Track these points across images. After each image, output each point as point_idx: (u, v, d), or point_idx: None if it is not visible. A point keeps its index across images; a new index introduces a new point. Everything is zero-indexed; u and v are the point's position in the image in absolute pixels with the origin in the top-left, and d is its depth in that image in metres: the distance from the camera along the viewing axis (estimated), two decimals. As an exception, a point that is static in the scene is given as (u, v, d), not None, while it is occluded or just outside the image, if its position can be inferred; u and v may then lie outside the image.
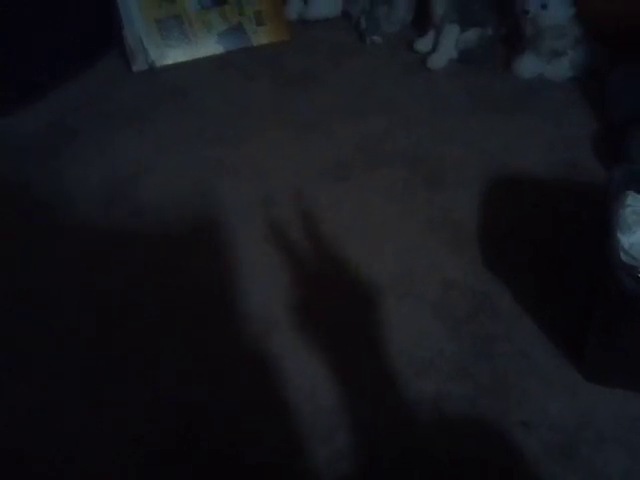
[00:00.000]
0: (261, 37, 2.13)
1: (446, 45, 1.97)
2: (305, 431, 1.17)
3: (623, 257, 1.08)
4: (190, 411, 1.22)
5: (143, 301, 1.41)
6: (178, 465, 1.15)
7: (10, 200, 1.66)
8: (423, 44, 2.04)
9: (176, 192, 1.65)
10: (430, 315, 1.34)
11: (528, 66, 1.90)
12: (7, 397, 1.26)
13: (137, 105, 1.93)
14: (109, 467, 1.16)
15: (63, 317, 1.39)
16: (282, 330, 1.33)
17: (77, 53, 2.02)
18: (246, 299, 1.40)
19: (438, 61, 1.98)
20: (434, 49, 2.00)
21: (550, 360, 1.24)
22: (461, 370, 1.24)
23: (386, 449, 1.15)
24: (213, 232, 1.55)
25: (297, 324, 1.34)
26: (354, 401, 1.21)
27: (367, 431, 1.17)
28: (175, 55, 2.07)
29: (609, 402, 1.17)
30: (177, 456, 1.16)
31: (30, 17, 1.85)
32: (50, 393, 1.26)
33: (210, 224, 1.56)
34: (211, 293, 1.42)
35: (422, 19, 2.10)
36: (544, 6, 1.81)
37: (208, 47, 2.10)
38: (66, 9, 1.93)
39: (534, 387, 1.21)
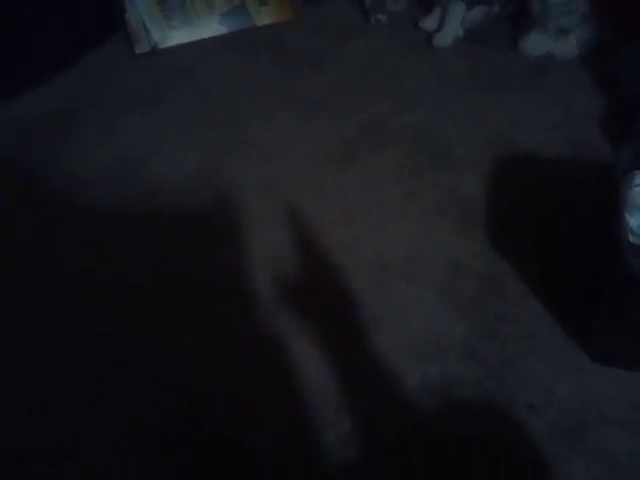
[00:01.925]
0: (264, 17, 2.10)
1: (452, 23, 1.95)
2: (308, 414, 1.18)
3: (631, 238, 1.07)
4: (191, 394, 1.23)
5: (149, 285, 1.42)
6: (179, 448, 1.16)
7: (15, 186, 1.66)
8: (429, 22, 2.01)
9: (182, 175, 1.65)
10: (437, 297, 1.34)
11: (535, 44, 1.88)
12: (7, 388, 1.27)
13: (141, 88, 1.92)
14: (110, 453, 1.17)
15: (64, 302, 1.40)
16: (286, 313, 1.33)
17: (80, 36, 2.00)
18: (251, 282, 1.40)
19: (444, 39, 1.95)
20: (440, 27, 1.97)
21: (556, 341, 1.24)
22: (468, 352, 1.25)
23: (392, 431, 1.15)
24: (220, 215, 1.54)
25: (302, 307, 1.34)
26: (359, 384, 1.22)
27: (373, 413, 1.18)
28: (178, 36, 2.05)
29: (615, 383, 1.17)
30: (178, 439, 1.17)
31: (32, 2, 1.83)
32: (51, 383, 1.27)
33: (216, 207, 1.56)
34: (216, 276, 1.43)
35: (427, -3, 2.08)
36: (551, -18, 1.78)
37: (211, 28, 2.07)
38: (68, -7, 1.92)
39: (540, 369, 1.21)
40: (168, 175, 1.65)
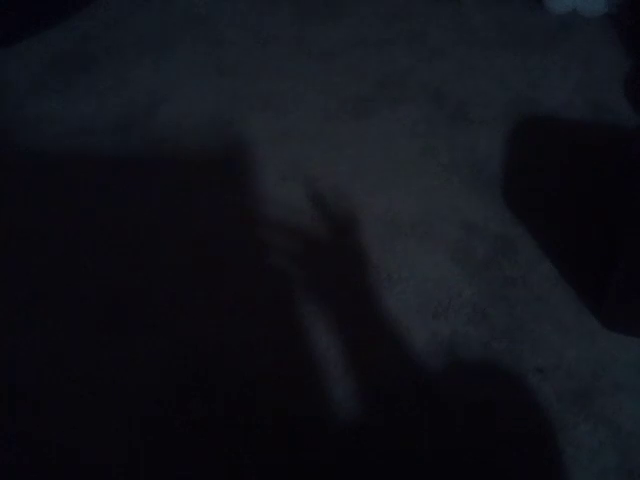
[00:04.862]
0: (283, -38, 2.04)
1: (476, -25, 1.89)
2: (318, 371, 1.19)
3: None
4: (202, 350, 1.23)
5: (158, 239, 1.41)
6: (190, 405, 1.17)
7: (26, 133, 1.64)
8: (452, -27, 1.95)
9: (193, 123, 1.62)
10: (449, 258, 1.33)
11: (561, 0, 1.82)
12: (13, 342, 1.28)
13: (153, 33, 1.88)
14: (127, 401, 1.18)
15: (79, 253, 1.39)
16: (297, 267, 1.33)
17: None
18: (263, 236, 1.39)
19: (467, -8, 1.90)
20: (463, -21, 1.92)
21: (568, 306, 1.24)
22: (478, 313, 1.24)
23: (399, 390, 1.16)
24: (231, 166, 1.53)
25: (313, 261, 1.34)
26: (368, 341, 1.22)
27: (381, 371, 1.18)
28: (194, -20, 2.00)
29: (626, 350, 1.17)
30: (189, 396, 1.18)
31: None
32: (59, 337, 1.27)
33: (228, 158, 1.54)
34: (227, 230, 1.41)
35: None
36: None
37: (228, -28, 2.02)
38: None
39: (551, 333, 1.20)
40: (179, 123, 1.63)
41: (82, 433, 1.15)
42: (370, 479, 1.07)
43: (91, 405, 1.18)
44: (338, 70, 1.73)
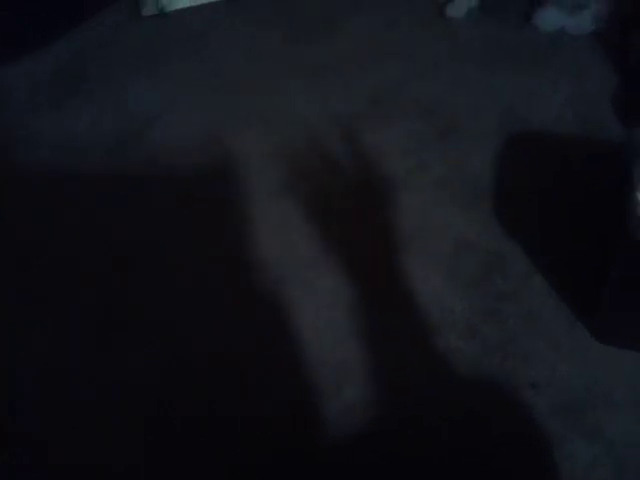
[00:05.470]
0: (275, -19, 2.06)
1: (466, -7, 1.91)
2: (313, 384, 1.18)
3: (640, 215, 1.06)
4: (200, 359, 1.24)
5: (156, 250, 1.42)
6: (183, 414, 1.17)
7: (22, 149, 1.65)
8: (442, -8, 1.98)
9: (188, 140, 1.63)
10: (442, 273, 1.33)
11: (550, 18, 1.84)
12: (13, 349, 1.28)
13: (147, 51, 1.89)
14: (118, 414, 1.18)
15: (78, 267, 1.40)
16: (292, 283, 1.33)
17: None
18: (258, 250, 1.39)
19: (458, 10, 1.92)
20: (453, -3, 1.94)
21: (560, 320, 1.24)
22: (471, 329, 1.24)
23: (392, 406, 1.16)
24: (224, 182, 1.53)
25: (308, 278, 1.34)
26: (363, 357, 1.21)
27: (375, 387, 1.18)
28: (186, -1, 2.02)
29: (619, 363, 1.17)
30: (182, 405, 1.18)
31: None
32: (58, 340, 1.28)
33: (221, 173, 1.55)
34: (223, 241, 1.42)
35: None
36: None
37: (220, -9, 2.04)
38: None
39: (543, 348, 1.20)
40: (171, 140, 1.64)
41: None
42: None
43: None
44: (332, 86, 1.75)
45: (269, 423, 1.15)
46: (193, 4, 2.02)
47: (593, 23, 1.82)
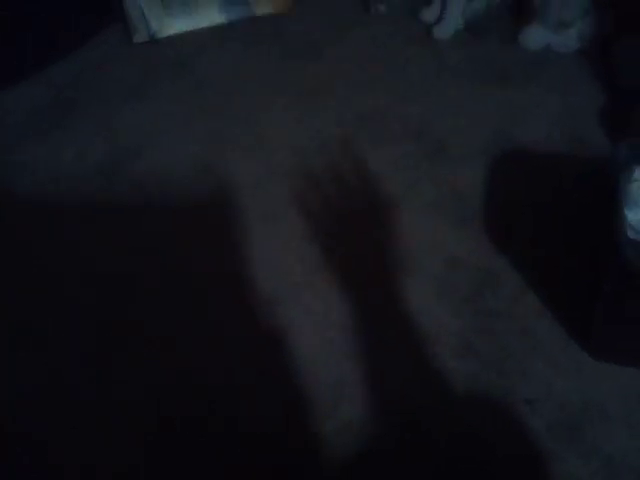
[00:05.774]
0: (264, 7, 2.08)
1: (452, 14, 1.93)
2: (309, 403, 1.19)
3: (629, 233, 1.07)
4: (189, 381, 1.24)
5: (143, 280, 1.42)
6: (176, 435, 1.17)
7: (9, 177, 1.65)
8: (429, 13, 2.00)
9: (179, 166, 1.64)
10: (435, 292, 1.33)
11: (535, 37, 1.87)
12: (10, 372, 1.28)
13: (138, 78, 1.90)
14: (114, 436, 1.17)
15: (63, 295, 1.40)
16: (287, 304, 1.34)
17: (77, 24, 1.98)
18: (249, 275, 1.39)
19: (444, 31, 1.94)
20: (440, 19, 1.96)
21: (555, 337, 1.24)
22: (465, 347, 1.24)
23: (387, 424, 1.16)
24: (215, 208, 1.54)
25: (303, 299, 1.34)
26: (357, 376, 1.22)
27: (370, 406, 1.18)
28: (177, 25, 2.04)
29: (615, 380, 1.17)
30: (175, 426, 1.18)
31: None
32: (52, 367, 1.28)
33: (212, 200, 1.56)
34: (213, 269, 1.42)
35: (428, -12, 2.06)
36: (552, -25, 1.77)
37: (210, 17, 2.05)
38: (65, -21, 1.90)
39: (539, 365, 1.21)
40: (162, 168, 1.64)
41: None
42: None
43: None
44: (320, 110, 1.76)
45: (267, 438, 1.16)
46: (183, 30, 2.04)
47: (579, 41, 1.84)
